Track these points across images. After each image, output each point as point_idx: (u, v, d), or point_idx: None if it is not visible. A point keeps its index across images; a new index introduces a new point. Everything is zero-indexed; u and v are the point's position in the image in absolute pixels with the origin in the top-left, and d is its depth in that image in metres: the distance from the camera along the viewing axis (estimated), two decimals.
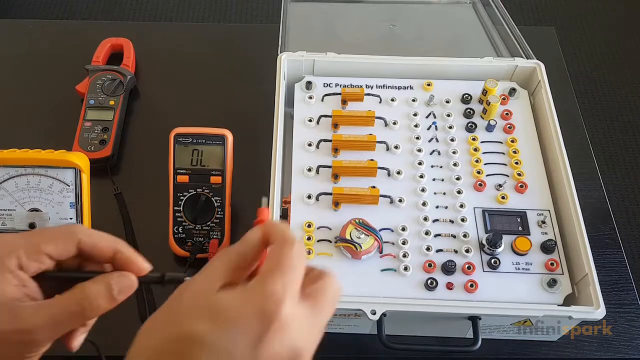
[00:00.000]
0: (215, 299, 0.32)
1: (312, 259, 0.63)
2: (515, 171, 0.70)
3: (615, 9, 2.12)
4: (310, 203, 0.67)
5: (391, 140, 0.72)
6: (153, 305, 0.68)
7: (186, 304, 0.33)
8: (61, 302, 0.36)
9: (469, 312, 0.60)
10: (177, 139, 0.70)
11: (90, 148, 0.79)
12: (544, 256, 0.64)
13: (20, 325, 0.35)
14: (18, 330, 0.35)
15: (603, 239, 0.76)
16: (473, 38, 0.91)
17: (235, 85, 0.91)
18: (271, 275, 0.32)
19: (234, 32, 1.01)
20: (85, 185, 0.67)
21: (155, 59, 0.94)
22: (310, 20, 0.93)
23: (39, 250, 0.37)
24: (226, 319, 0.31)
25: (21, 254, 0.36)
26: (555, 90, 0.76)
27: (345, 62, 0.78)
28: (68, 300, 0.37)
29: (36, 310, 0.35)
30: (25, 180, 0.66)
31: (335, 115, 0.73)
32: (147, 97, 0.90)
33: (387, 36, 0.92)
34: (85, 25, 1.27)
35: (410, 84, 0.78)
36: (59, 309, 0.36)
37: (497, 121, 0.74)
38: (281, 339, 0.31)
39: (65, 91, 0.87)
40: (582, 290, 0.62)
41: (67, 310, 0.36)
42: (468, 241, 0.65)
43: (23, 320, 0.35)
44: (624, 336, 0.69)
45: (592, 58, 1.98)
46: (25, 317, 0.35)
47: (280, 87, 0.73)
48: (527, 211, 0.68)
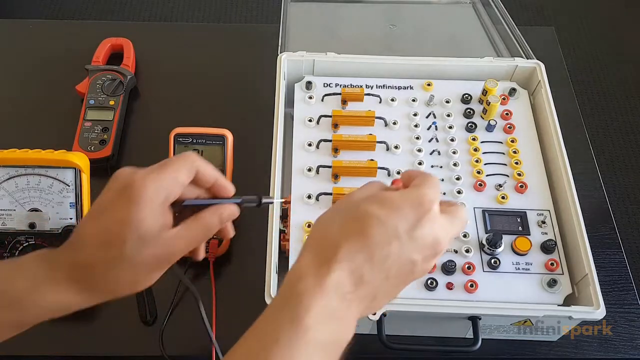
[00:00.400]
0: (383, 193, 0.42)
1: None
2: (515, 171, 0.70)
3: (615, 9, 2.12)
4: (310, 203, 0.67)
5: (391, 140, 0.72)
6: (153, 305, 0.68)
7: (359, 197, 0.43)
8: (191, 230, 0.45)
9: (469, 312, 0.60)
10: (177, 139, 0.70)
11: (90, 148, 0.79)
12: (544, 256, 0.64)
13: (166, 250, 0.43)
14: (165, 253, 0.43)
15: (603, 239, 0.76)
16: (473, 38, 0.91)
17: (235, 85, 0.91)
18: (423, 185, 0.42)
19: (234, 32, 1.01)
20: (85, 185, 0.67)
21: (155, 59, 0.94)
22: (310, 20, 0.93)
23: (177, 182, 0.44)
24: (392, 205, 0.41)
25: (165, 188, 0.43)
26: (555, 90, 0.76)
27: (345, 62, 0.78)
28: (196, 228, 0.45)
29: (176, 237, 0.44)
30: (25, 180, 0.66)
31: (335, 115, 0.73)
32: (147, 97, 0.90)
33: (387, 36, 0.92)
34: (85, 25, 1.27)
35: (410, 84, 0.78)
36: (191, 235, 0.45)
37: (497, 121, 0.74)
38: (430, 227, 0.41)
39: (65, 91, 0.87)
40: (582, 290, 0.62)
41: (195, 236, 0.45)
42: (468, 241, 0.65)
43: (169, 246, 0.43)
44: (624, 336, 0.69)
45: (592, 58, 1.98)
46: (170, 244, 0.43)
47: (280, 87, 0.73)
48: (527, 211, 0.68)
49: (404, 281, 0.42)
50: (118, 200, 0.42)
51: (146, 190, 0.42)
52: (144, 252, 0.42)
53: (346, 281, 0.39)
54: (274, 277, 0.60)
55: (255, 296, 0.63)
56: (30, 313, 0.43)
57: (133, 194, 0.42)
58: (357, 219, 0.41)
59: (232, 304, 0.69)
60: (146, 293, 0.69)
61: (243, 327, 0.69)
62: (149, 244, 0.42)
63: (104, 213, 0.43)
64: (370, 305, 0.42)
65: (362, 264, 0.40)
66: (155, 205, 0.42)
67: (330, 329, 0.39)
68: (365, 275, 0.40)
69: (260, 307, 0.59)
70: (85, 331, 0.68)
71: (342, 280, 0.39)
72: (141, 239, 0.42)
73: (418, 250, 0.41)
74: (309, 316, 0.38)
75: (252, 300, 0.66)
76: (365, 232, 0.40)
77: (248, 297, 0.67)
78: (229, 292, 0.70)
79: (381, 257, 0.40)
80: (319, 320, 0.38)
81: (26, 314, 0.43)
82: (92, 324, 0.68)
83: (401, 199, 0.41)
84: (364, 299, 0.40)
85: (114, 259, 0.42)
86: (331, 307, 0.39)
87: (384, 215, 0.40)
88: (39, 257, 0.44)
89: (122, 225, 0.42)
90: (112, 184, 0.44)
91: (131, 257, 0.42)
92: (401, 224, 0.40)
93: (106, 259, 0.42)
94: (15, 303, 0.42)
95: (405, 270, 0.41)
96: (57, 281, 0.42)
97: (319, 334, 0.38)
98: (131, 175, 0.43)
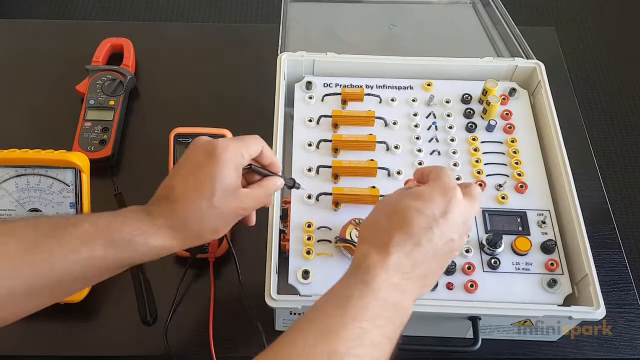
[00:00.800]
0: (415, 189, 0.50)
1: (312, 259, 0.63)
2: (515, 171, 0.70)
3: (615, 9, 2.11)
4: (310, 203, 0.67)
5: (391, 140, 0.72)
6: (153, 305, 0.68)
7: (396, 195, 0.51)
8: (259, 191, 0.55)
9: (469, 312, 0.60)
10: (177, 139, 0.70)
11: (90, 148, 0.79)
12: (544, 256, 0.64)
13: (241, 204, 0.53)
14: (240, 207, 0.53)
15: (603, 239, 0.76)
16: (473, 38, 0.91)
17: (235, 85, 0.91)
18: (441, 177, 0.51)
19: (234, 32, 1.01)
20: (85, 185, 0.67)
21: (155, 59, 0.94)
22: (310, 20, 0.93)
23: (250, 152, 0.54)
24: (425, 197, 0.49)
25: (242, 154, 0.53)
26: (555, 90, 0.76)
27: (345, 62, 0.78)
28: (262, 189, 0.55)
29: (248, 195, 0.54)
30: (25, 181, 0.66)
31: (335, 115, 0.73)
32: (147, 97, 0.90)
33: (387, 36, 0.92)
34: (85, 25, 1.27)
35: (410, 84, 0.78)
36: (256, 195, 0.55)
37: (497, 121, 0.74)
38: (457, 209, 0.49)
39: (65, 91, 0.87)
40: (582, 290, 0.62)
41: (259, 196, 0.55)
42: (468, 241, 0.65)
43: (242, 202, 0.53)
44: (624, 336, 0.69)
45: (592, 58, 1.98)
46: (243, 199, 0.53)
47: (280, 87, 0.73)
48: (527, 211, 0.68)
49: (446, 259, 0.50)
50: (207, 160, 0.51)
51: (228, 153, 0.51)
52: (227, 203, 0.51)
53: (404, 262, 0.46)
54: (274, 277, 0.60)
55: (255, 296, 0.63)
56: (138, 252, 0.50)
57: (218, 154, 0.51)
58: (400, 212, 0.48)
59: (232, 304, 0.69)
60: (146, 293, 0.69)
61: (243, 327, 0.70)
62: (230, 198, 0.51)
63: (196, 171, 0.51)
64: (424, 284, 0.49)
65: (413, 248, 0.47)
66: (233, 165, 0.52)
67: (394, 297, 0.45)
68: (417, 257, 0.47)
69: (260, 307, 0.60)
70: (85, 331, 0.68)
71: (401, 261, 0.46)
72: (226, 192, 0.51)
73: (453, 230, 0.49)
74: (376, 282, 0.45)
75: (252, 300, 0.67)
76: (409, 221, 0.47)
77: (248, 297, 0.67)
78: (229, 292, 0.70)
79: (426, 240, 0.47)
80: (385, 286, 0.45)
81: (133, 254, 0.50)
82: (92, 324, 0.68)
83: (430, 190, 0.49)
84: (419, 279, 0.47)
85: (206, 209, 0.51)
86: (394, 281, 0.45)
87: (421, 205, 0.48)
88: (138, 209, 0.52)
89: (212, 180, 0.50)
90: (194, 149, 0.53)
91: (218, 207, 0.51)
92: (436, 211, 0.48)
93: (199, 208, 0.51)
94: (125, 244, 0.49)
95: (447, 249, 0.49)
96: (159, 227, 0.50)
97: (387, 296, 0.45)
98: (214, 142, 0.52)
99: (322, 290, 0.46)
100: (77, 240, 0.47)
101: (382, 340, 0.43)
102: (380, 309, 0.44)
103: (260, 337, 0.63)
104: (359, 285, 0.45)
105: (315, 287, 0.61)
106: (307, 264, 0.63)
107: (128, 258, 0.50)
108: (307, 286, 0.61)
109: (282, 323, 0.64)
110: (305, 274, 0.62)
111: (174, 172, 0.53)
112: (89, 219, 0.49)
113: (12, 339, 0.67)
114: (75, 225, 0.48)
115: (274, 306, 0.59)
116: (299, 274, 0.62)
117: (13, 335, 0.67)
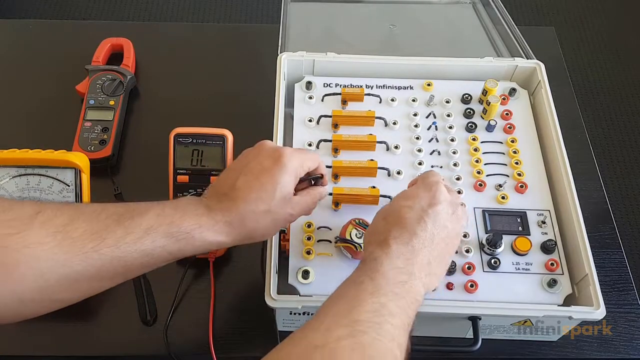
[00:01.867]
0: (405, 191, 0.57)
1: (312, 259, 0.63)
2: (516, 171, 0.70)
3: (615, 9, 2.11)
4: None
5: (391, 140, 0.72)
6: (153, 305, 0.68)
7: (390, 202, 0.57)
8: (307, 199, 0.58)
9: (469, 312, 0.60)
10: (177, 139, 0.70)
11: (90, 148, 0.79)
12: (544, 256, 0.64)
13: (291, 211, 0.56)
14: (290, 213, 0.56)
15: (603, 239, 0.76)
16: (473, 38, 0.91)
17: (235, 85, 0.91)
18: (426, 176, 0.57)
19: (234, 32, 1.01)
20: (85, 185, 0.67)
21: (155, 59, 0.94)
22: (310, 20, 0.93)
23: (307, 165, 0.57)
24: (412, 195, 0.55)
25: (303, 165, 0.56)
26: (555, 90, 0.76)
27: (345, 62, 0.78)
28: (309, 197, 0.58)
29: (298, 203, 0.57)
30: (25, 181, 0.66)
31: (335, 115, 0.73)
32: (147, 97, 0.90)
33: (387, 36, 0.92)
34: (85, 25, 1.27)
35: (410, 84, 0.78)
36: (305, 202, 0.58)
37: (497, 121, 0.74)
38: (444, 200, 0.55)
39: (65, 91, 0.87)
40: (582, 290, 0.62)
41: (308, 204, 0.58)
42: (468, 241, 0.65)
43: (293, 208, 0.56)
44: (624, 336, 0.69)
45: (592, 58, 1.98)
46: (294, 206, 0.56)
47: (280, 87, 0.73)
48: (527, 211, 0.68)
49: (446, 247, 0.55)
50: (272, 165, 0.54)
51: (292, 162, 0.54)
52: (282, 209, 0.54)
53: (404, 250, 0.51)
54: (274, 277, 0.60)
55: (255, 296, 0.63)
56: (193, 246, 0.51)
57: (284, 162, 0.54)
58: (394, 212, 0.54)
59: (232, 304, 0.69)
60: (146, 293, 0.69)
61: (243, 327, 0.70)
62: (285, 204, 0.54)
63: (260, 175, 0.53)
64: (429, 272, 0.52)
65: (410, 237, 0.52)
66: (294, 174, 0.55)
67: (402, 278, 0.49)
68: (416, 245, 0.52)
69: (260, 307, 0.60)
70: (85, 331, 0.68)
71: (401, 249, 0.51)
72: (283, 198, 0.54)
73: (444, 218, 0.54)
74: (383, 267, 0.49)
75: (252, 300, 0.67)
76: (402, 217, 0.53)
77: (248, 297, 0.67)
78: (229, 292, 0.70)
79: (420, 229, 0.52)
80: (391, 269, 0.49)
81: (189, 246, 0.51)
82: (92, 324, 0.68)
83: (416, 189, 0.56)
84: (423, 265, 0.51)
85: (263, 212, 0.53)
86: (398, 265, 0.50)
87: (410, 203, 0.54)
88: (197, 202, 0.53)
89: (274, 185, 0.53)
90: (260, 153, 0.56)
91: (274, 211, 0.54)
92: (423, 204, 0.54)
93: (258, 210, 0.53)
94: (183, 237, 0.50)
95: (443, 235, 0.54)
96: (216, 223, 0.52)
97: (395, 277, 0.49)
98: (280, 149, 0.55)
99: (322, 290, 0.46)
100: (142, 230, 0.49)
101: (398, 311, 0.47)
102: (391, 287, 0.48)
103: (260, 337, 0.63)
104: (368, 272, 0.49)
105: (315, 287, 0.61)
106: (307, 264, 0.63)
107: (182, 250, 0.51)
108: (307, 286, 0.61)
109: (282, 323, 0.64)
110: (305, 274, 0.62)
111: (236, 171, 0.55)
112: (153, 209, 0.51)
113: (12, 339, 0.67)
114: (142, 214, 0.49)
115: (274, 306, 0.59)
116: (299, 274, 0.62)
117: (13, 335, 0.67)
